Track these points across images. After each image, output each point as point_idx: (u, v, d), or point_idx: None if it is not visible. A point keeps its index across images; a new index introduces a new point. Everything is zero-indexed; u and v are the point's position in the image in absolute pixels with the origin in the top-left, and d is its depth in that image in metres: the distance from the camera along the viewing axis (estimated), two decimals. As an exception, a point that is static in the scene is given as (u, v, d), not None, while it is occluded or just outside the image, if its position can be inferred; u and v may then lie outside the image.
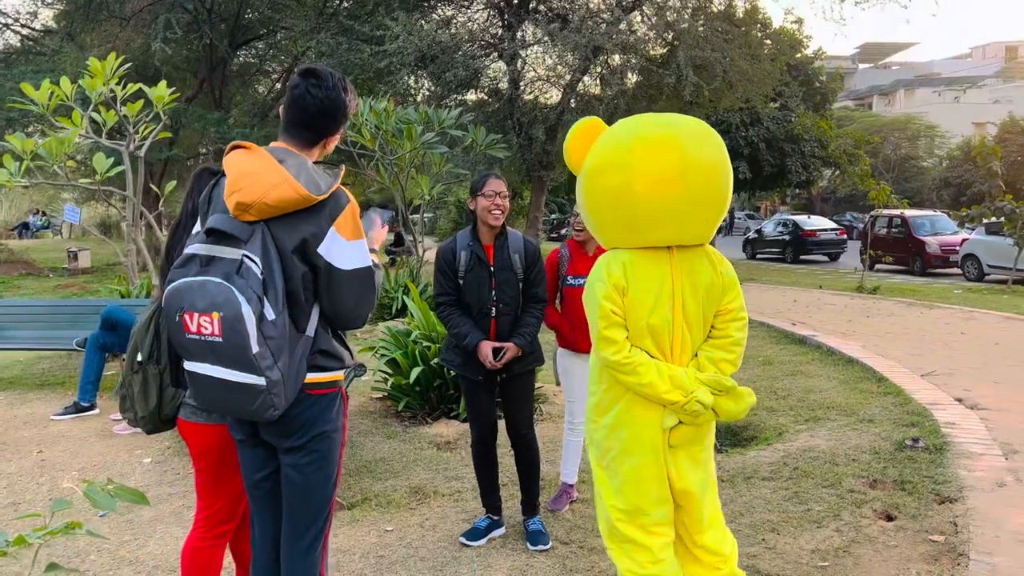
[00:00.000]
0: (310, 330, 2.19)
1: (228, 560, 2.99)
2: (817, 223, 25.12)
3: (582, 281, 3.99)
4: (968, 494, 4.04)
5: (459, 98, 14.76)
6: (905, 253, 20.00)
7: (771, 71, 14.41)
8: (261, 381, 2.04)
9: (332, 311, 2.20)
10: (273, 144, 2.25)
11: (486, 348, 3.55)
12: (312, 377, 2.19)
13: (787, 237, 24.64)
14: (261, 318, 2.03)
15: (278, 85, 21.81)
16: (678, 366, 2.52)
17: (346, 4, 16.50)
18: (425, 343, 5.86)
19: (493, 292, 3.61)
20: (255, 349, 2.02)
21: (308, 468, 2.24)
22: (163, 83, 7.30)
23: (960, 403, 5.72)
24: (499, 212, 3.56)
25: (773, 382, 6.76)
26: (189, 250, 2.13)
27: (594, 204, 2.56)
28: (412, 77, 14.57)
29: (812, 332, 8.87)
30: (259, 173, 2.08)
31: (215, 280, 2.03)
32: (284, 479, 2.28)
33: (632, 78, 12.96)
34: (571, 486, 4.27)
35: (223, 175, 2.21)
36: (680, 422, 2.52)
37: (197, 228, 2.27)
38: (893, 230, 20.76)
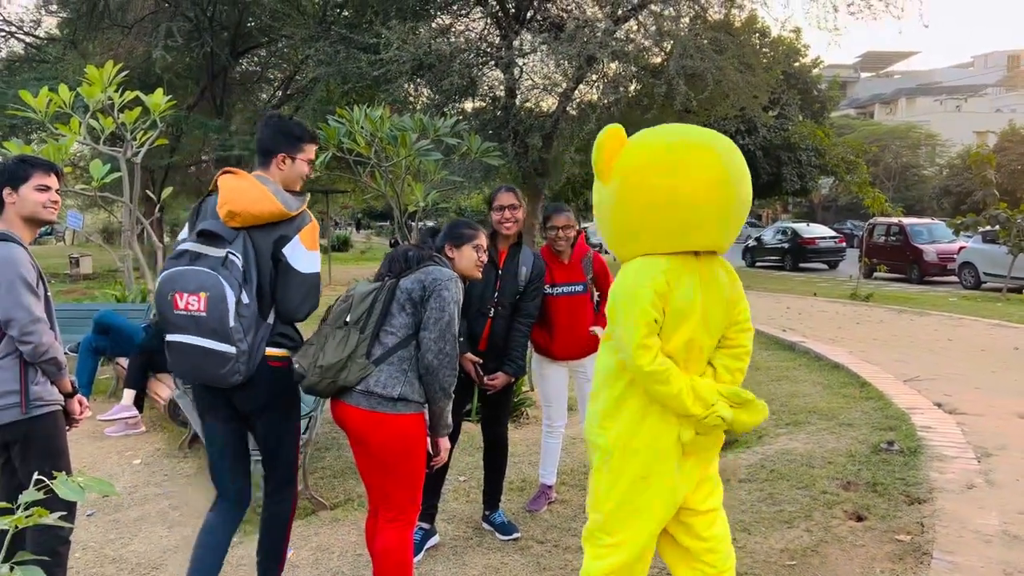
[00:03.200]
0: (271, 318, 2.78)
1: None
2: (816, 231, 25.16)
3: (562, 290, 4.07)
4: (937, 495, 4.11)
5: (458, 106, 14.88)
6: (903, 261, 20.05)
7: (765, 80, 14.51)
8: (232, 350, 2.63)
9: (281, 303, 2.77)
10: (254, 172, 2.88)
11: (469, 362, 3.67)
12: (271, 351, 2.77)
13: (786, 245, 24.69)
14: (239, 301, 2.64)
15: (279, 93, 21.98)
16: (696, 376, 2.55)
17: (345, 13, 16.66)
18: (412, 347, 5.94)
19: (496, 293, 3.72)
20: (232, 324, 2.62)
21: (276, 420, 2.87)
22: (160, 91, 7.41)
23: (939, 408, 5.79)
24: (510, 223, 3.75)
25: (758, 387, 6.83)
26: (181, 247, 2.73)
27: (631, 208, 2.54)
28: (410, 85, 14.69)
29: (801, 338, 8.94)
30: (245, 189, 2.71)
31: (204, 270, 2.64)
32: (261, 440, 2.91)
33: (629, 87, 13.06)
34: (549, 487, 4.35)
35: (210, 194, 2.84)
36: (696, 433, 2.55)
37: (184, 234, 2.83)
38: (891, 238, 20.83)
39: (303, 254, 2.74)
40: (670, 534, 2.74)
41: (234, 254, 2.67)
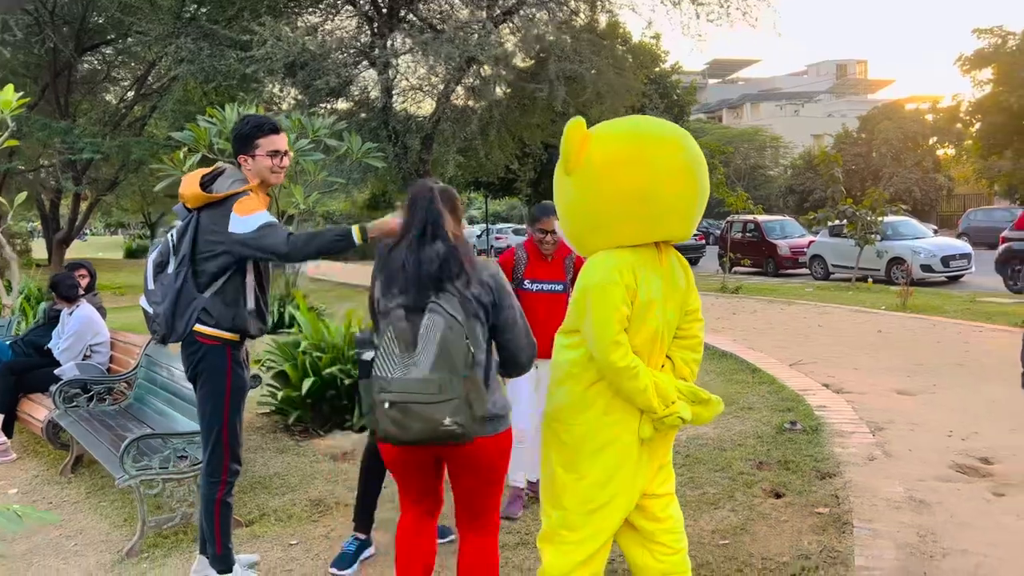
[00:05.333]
0: (208, 293, 3.04)
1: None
2: (679, 230, 26.24)
3: (540, 287, 4.00)
4: (845, 469, 4.35)
5: (329, 107, 14.48)
6: (759, 256, 21.28)
7: (635, 83, 15.01)
8: (150, 310, 3.10)
9: (265, 260, 3.10)
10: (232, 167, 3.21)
11: None
12: (197, 327, 3.04)
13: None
14: (162, 269, 3.11)
15: (130, 93, 20.64)
16: (657, 371, 2.56)
17: (204, 9, 15.84)
18: (315, 354, 5.71)
19: None
20: (150, 286, 3.12)
21: (202, 396, 3.11)
22: (10, 87, 6.75)
23: (827, 388, 6.16)
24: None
25: (656, 378, 7.03)
26: None
27: (598, 201, 2.53)
28: (277, 85, 14.17)
29: (686, 330, 9.30)
30: (189, 177, 3.14)
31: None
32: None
33: (504, 90, 13.15)
34: (521, 489, 4.25)
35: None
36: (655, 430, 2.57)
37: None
38: (748, 234, 22.04)
39: (234, 220, 2.98)
40: (626, 519, 2.75)
41: (174, 229, 3.12)
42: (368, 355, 2.38)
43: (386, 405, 2.27)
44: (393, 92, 13.28)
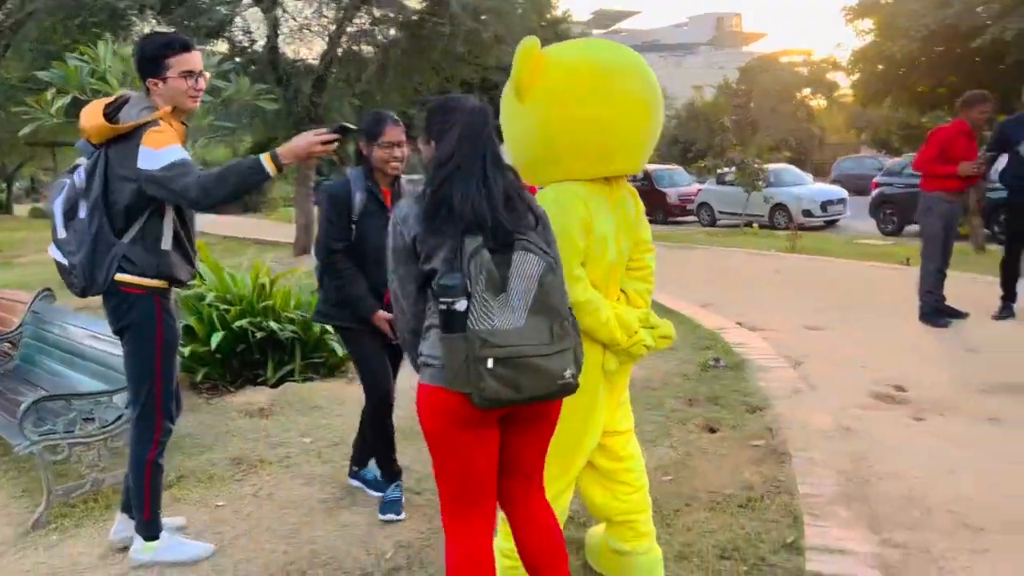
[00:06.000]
0: (127, 239, 2.76)
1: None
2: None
3: None
4: (773, 402, 4.46)
5: (210, 49, 13.55)
6: (649, 204, 21.68)
7: (535, 24, 14.80)
8: (66, 261, 2.80)
9: (175, 203, 2.78)
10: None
11: (383, 320, 3.23)
12: (119, 276, 2.76)
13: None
14: (73, 215, 2.79)
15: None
16: (615, 303, 2.50)
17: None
18: (222, 306, 5.35)
19: None
20: (60, 235, 2.80)
21: (129, 349, 2.87)
22: None
23: (741, 326, 6.32)
24: (398, 163, 3.24)
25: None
26: None
27: (554, 132, 2.40)
28: (152, 23, 13.11)
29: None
30: (89, 107, 2.80)
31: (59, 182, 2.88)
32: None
33: (399, 30, 12.65)
34: None
35: None
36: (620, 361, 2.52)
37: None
38: (638, 183, 22.50)
39: (144, 154, 2.68)
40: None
41: (80, 168, 2.81)
42: (462, 305, 1.92)
43: (490, 363, 1.89)
44: (280, 32, 12.55)
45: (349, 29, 12.52)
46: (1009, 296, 6.23)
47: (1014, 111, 11.79)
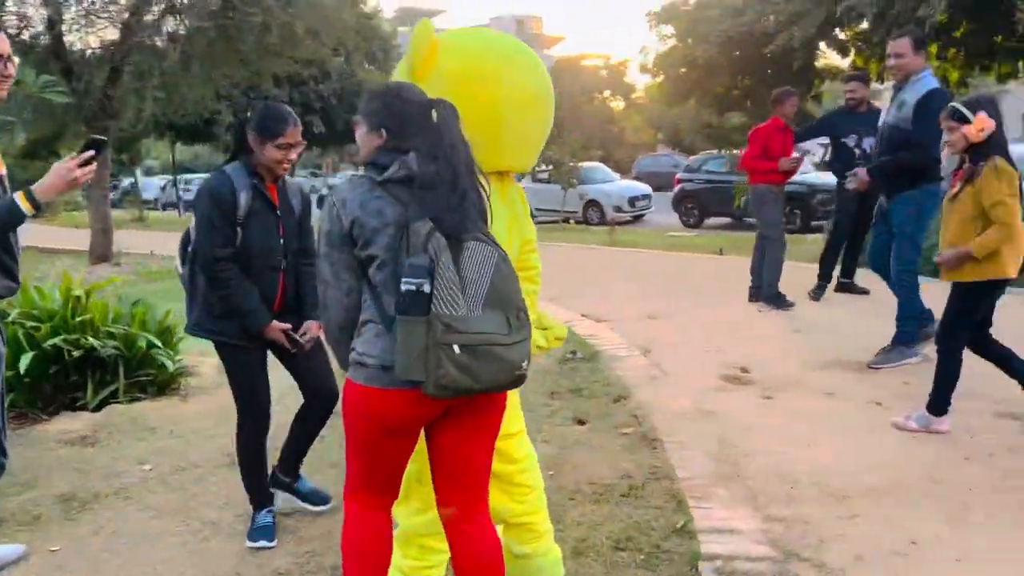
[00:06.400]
0: None
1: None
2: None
3: None
4: (633, 390, 4.57)
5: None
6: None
7: (347, 20, 14.40)
8: None
9: None
10: None
11: (277, 331, 2.95)
12: None
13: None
14: None
15: None
16: None
17: None
18: (29, 323, 4.69)
19: (282, 241, 2.99)
20: None
21: None
22: None
23: (588, 318, 6.46)
24: (289, 165, 2.97)
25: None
26: None
27: None
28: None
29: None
30: None
31: None
32: None
33: (201, 21, 11.80)
34: None
35: None
36: None
37: None
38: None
39: None
40: None
41: None
42: (427, 286, 1.85)
43: (456, 349, 1.83)
44: (65, 19, 11.29)
45: (147, 17, 11.52)
46: (824, 277, 6.83)
47: (801, 111, 13.10)
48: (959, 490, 3.22)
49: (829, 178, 12.94)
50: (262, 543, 3.04)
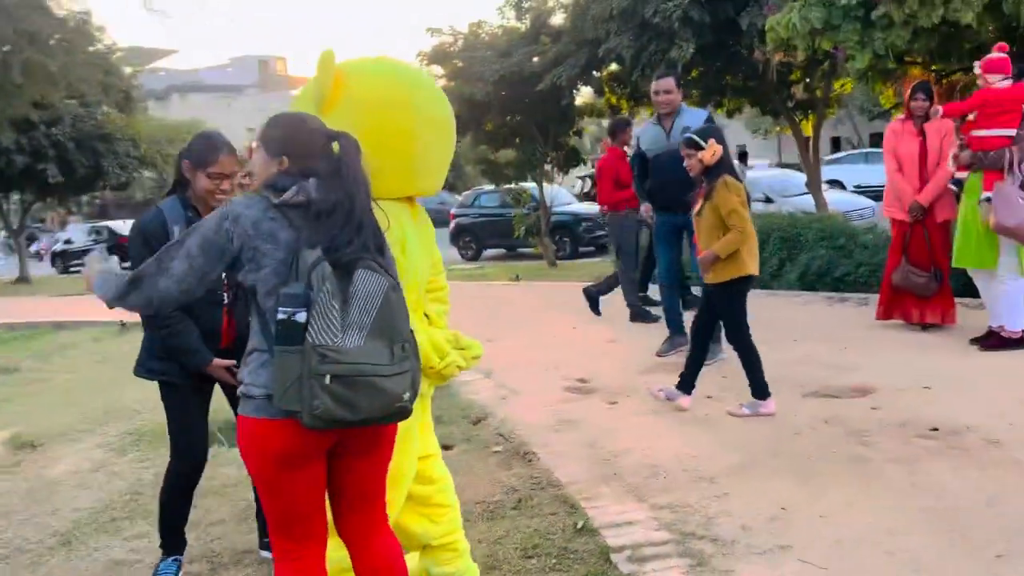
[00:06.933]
0: None
1: None
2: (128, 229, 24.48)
3: None
4: (490, 410, 4.72)
5: None
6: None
7: (85, 63, 13.35)
8: None
9: None
10: None
11: (220, 369, 2.81)
12: None
13: (103, 245, 23.34)
14: None
15: None
16: (425, 327, 2.46)
17: None
18: None
19: (223, 274, 2.74)
20: None
21: None
22: None
23: (417, 349, 6.49)
24: (224, 196, 2.78)
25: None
26: None
27: (363, 145, 2.21)
28: None
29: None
30: None
31: None
32: None
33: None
34: None
35: None
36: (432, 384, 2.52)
37: None
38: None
39: None
40: None
41: None
42: (302, 316, 1.83)
43: (327, 379, 1.80)
44: None
45: None
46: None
47: (563, 146, 14.08)
48: (800, 459, 3.71)
49: (593, 208, 14.10)
50: None
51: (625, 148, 7.19)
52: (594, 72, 12.14)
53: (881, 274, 7.22)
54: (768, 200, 12.97)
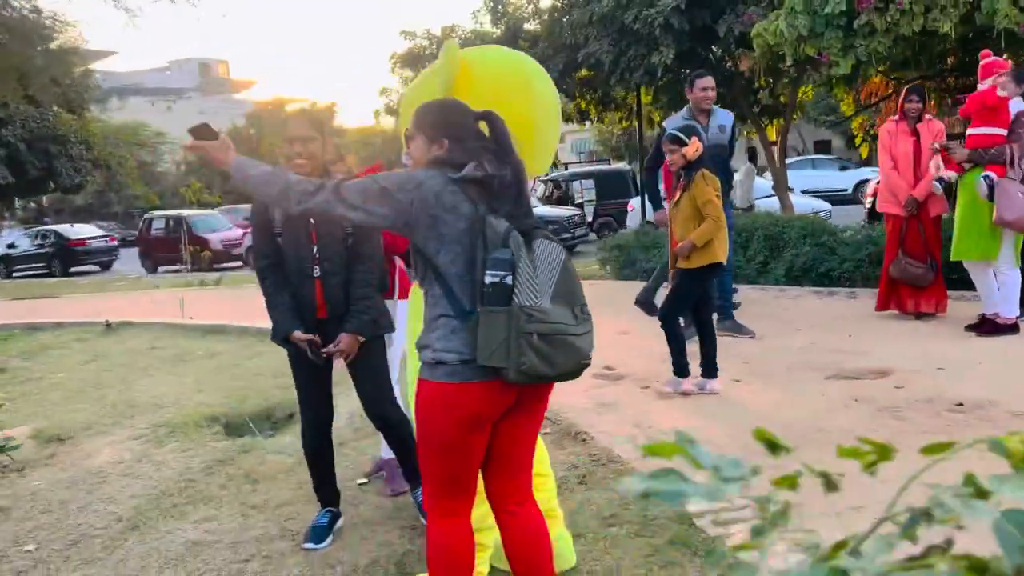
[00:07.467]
0: None
1: None
2: (84, 231, 23.55)
3: None
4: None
5: None
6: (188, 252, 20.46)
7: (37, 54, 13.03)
8: None
9: None
10: None
11: (300, 340, 2.91)
12: None
13: (50, 250, 22.54)
14: None
15: None
16: None
17: None
18: None
19: (315, 247, 2.88)
20: None
21: None
22: None
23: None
24: (304, 163, 2.84)
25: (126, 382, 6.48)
26: None
27: None
28: None
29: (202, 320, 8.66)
30: None
31: None
32: None
33: None
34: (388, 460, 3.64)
35: None
36: None
37: None
38: (171, 231, 20.95)
39: None
40: None
41: None
42: (510, 279, 1.97)
43: (535, 337, 1.93)
44: None
45: None
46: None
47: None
48: (844, 432, 3.87)
49: (558, 211, 14.30)
50: (308, 545, 3.09)
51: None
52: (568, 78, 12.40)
53: (865, 269, 7.61)
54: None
